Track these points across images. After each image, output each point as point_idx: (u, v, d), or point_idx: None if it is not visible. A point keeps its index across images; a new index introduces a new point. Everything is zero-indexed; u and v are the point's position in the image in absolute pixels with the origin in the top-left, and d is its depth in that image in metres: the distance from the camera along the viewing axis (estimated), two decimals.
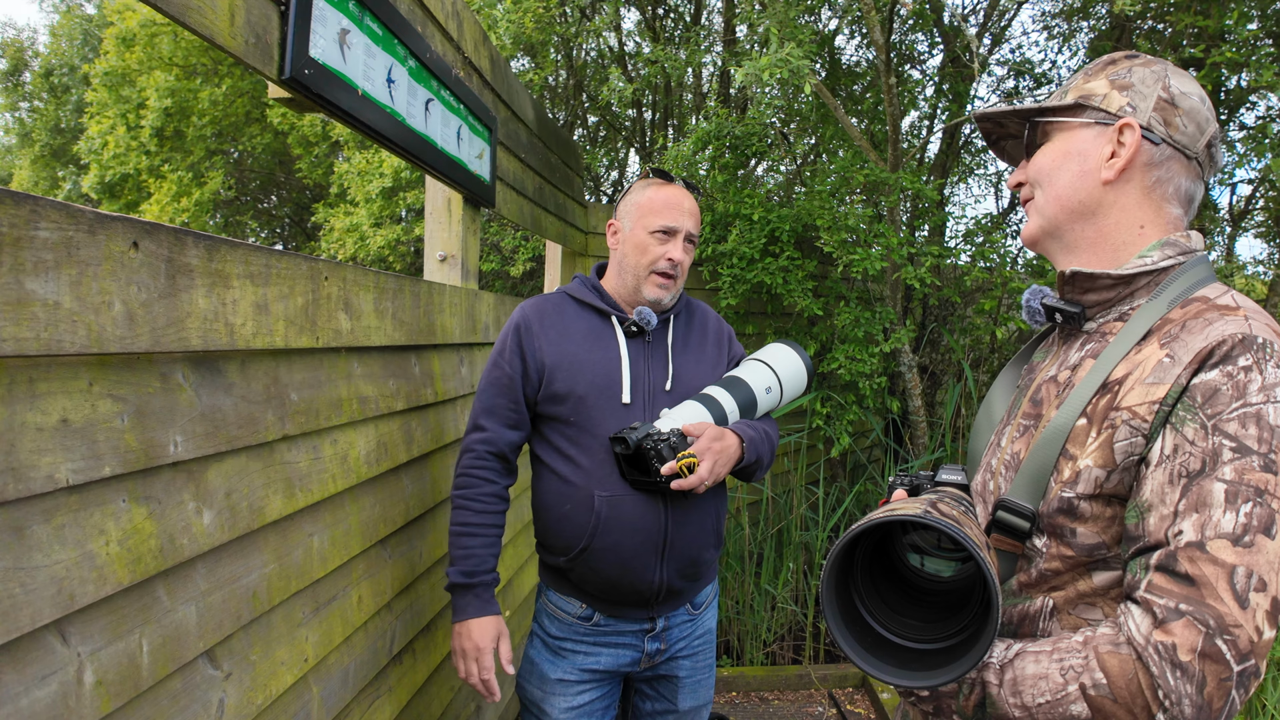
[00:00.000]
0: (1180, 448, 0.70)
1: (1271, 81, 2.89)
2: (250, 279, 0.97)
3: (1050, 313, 0.87)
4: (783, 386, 1.49)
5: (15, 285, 0.63)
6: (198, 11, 0.94)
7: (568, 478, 1.38)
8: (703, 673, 1.54)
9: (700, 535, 1.42)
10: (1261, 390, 0.69)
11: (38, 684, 0.67)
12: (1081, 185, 0.84)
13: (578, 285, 1.49)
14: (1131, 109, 0.82)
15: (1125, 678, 0.67)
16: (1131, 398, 0.74)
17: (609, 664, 1.45)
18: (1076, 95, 0.86)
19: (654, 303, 1.43)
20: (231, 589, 0.95)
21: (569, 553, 1.39)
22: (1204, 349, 0.71)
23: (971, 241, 4.29)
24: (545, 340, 1.40)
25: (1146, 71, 0.84)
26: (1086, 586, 0.77)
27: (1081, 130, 0.85)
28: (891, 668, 0.74)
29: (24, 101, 11.33)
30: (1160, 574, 0.68)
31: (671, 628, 1.47)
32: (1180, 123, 0.82)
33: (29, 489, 0.65)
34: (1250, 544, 0.66)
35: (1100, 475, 0.75)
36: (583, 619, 1.44)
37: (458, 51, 1.92)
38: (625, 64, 5.50)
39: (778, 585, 3.45)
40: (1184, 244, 0.82)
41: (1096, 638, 0.71)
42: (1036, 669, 0.72)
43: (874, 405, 3.98)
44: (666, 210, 1.41)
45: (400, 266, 5.51)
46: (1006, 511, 0.80)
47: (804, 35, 3.13)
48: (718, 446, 1.33)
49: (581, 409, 1.37)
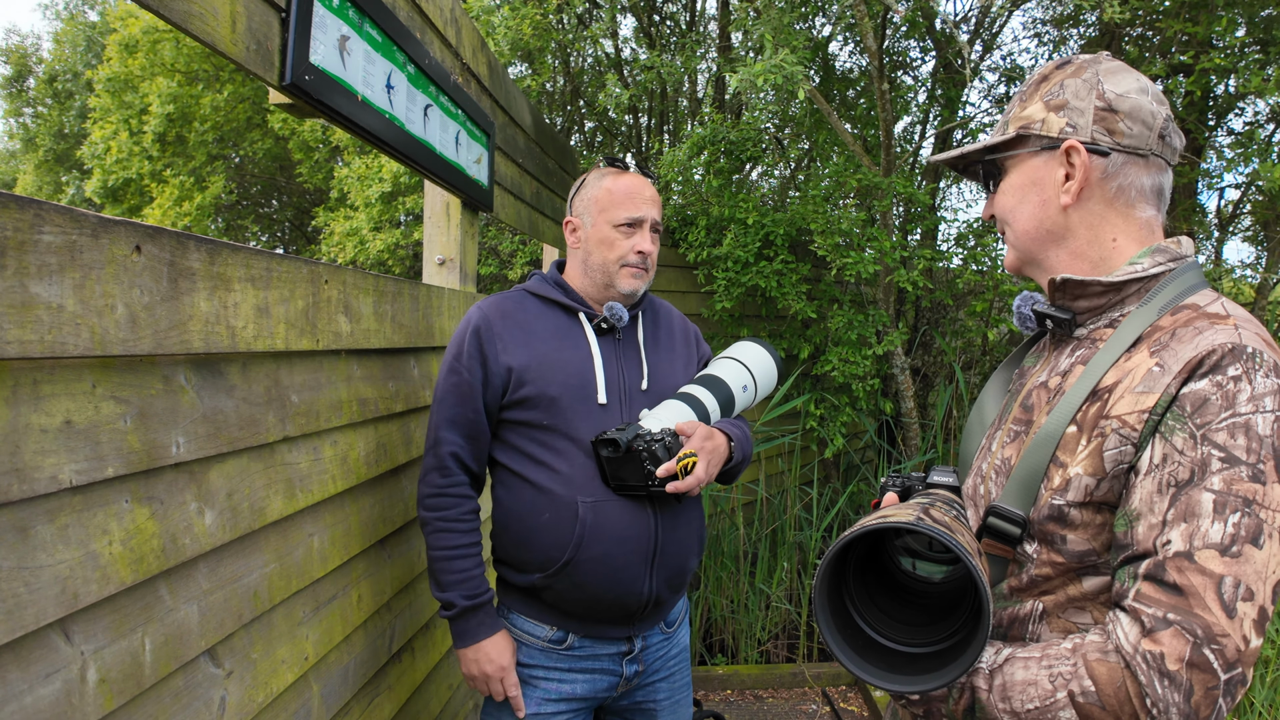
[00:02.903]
0: (1169, 457, 0.70)
1: (1259, 87, 2.92)
2: (251, 282, 0.98)
3: (1041, 319, 0.87)
4: (757, 385, 1.45)
5: (19, 288, 0.64)
6: (200, 18, 0.95)
7: (544, 486, 1.27)
8: (681, 692, 1.46)
9: (689, 542, 1.36)
10: (1250, 400, 0.69)
11: (42, 682, 0.68)
12: (1044, 214, 0.84)
13: (538, 282, 1.38)
14: (1072, 128, 0.81)
15: (1113, 686, 0.68)
16: (1121, 406, 0.74)
17: (585, 690, 1.33)
18: (1017, 126, 0.85)
19: (629, 294, 1.34)
20: (233, 588, 0.95)
21: (548, 568, 1.27)
22: (1194, 358, 0.71)
23: (963, 245, 4.32)
24: (509, 341, 1.29)
25: (1078, 83, 0.82)
26: (1076, 591, 0.78)
27: (1031, 160, 0.84)
28: (882, 671, 0.74)
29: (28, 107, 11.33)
30: (1148, 583, 0.69)
31: (649, 648, 1.38)
32: (1124, 126, 0.80)
33: (33, 489, 0.66)
34: (1238, 554, 0.66)
35: (1090, 483, 0.75)
36: (554, 643, 1.32)
37: (456, 58, 1.94)
38: (622, 70, 5.52)
39: (772, 585, 3.47)
40: (1174, 250, 0.81)
41: (1085, 645, 0.71)
42: (1025, 675, 0.72)
43: (867, 407, 4.00)
44: (629, 201, 1.32)
45: (399, 270, 5.51)
46: (997, 518, 0.80)
47: (798, 42, 3.16)
48: (709, 446, 1.28)
49: (555, 411, 1.27)
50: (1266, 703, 2.32)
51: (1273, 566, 0.67)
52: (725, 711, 2.92)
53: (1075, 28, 4.32)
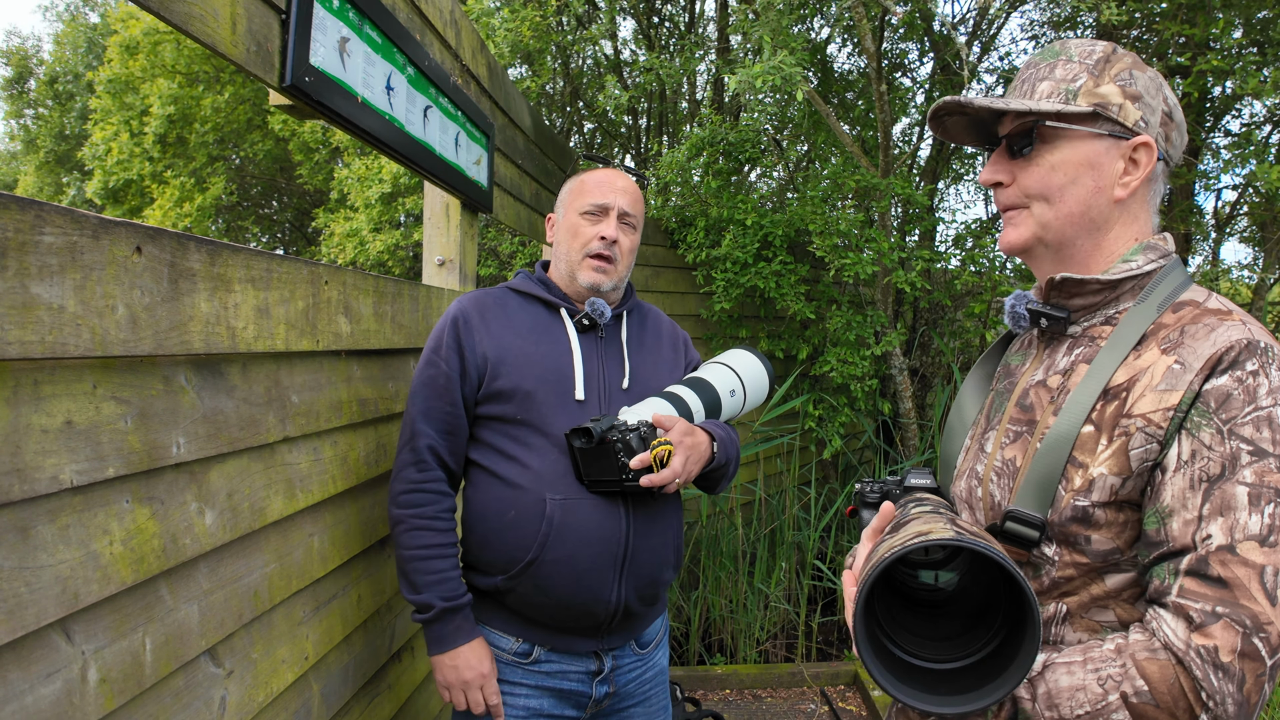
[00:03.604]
0: (1198, 453, 0.71)
1: (1256, 89, 2.94)
2: (252, 283, 0.98)
3: (1035, 317, 0.87)
4: (746, 391, 1.41)
5: (20, 289, 0.64)
6: (200, 20, 0.95)
7: (513, 481, 1.22)
8: (657, 716, 1.39)
9: (662, 550, 1.29)
10: (1270, 393, 0.71)
11: (42, 682, 0.68)
12: (1095, 201, 0.82)
13: (521, 279, 1.36)
14: (1145, 124, 0.80)
15: (1167, 683, 0.68)
16: (1144, 404, 0.74)
17: (552, 708, 1.27)
18: (1092, 102, 0.81)
19: (590, 288, 1.29)
20: (233, 588, 0.96)
21: (510, 569, 1.21)
22: (1214, 355, 0.72)
23: (961, 246, 4.33)
24: (486, 333, 1.25)
25: (1146, 79, 0.82)
26: (1100, 590, 0.77)
27: (1094, 141, 0.81)
28: (924, 694, 0.71)
29: (29, 108, 11.35)
30: (1191, 578, 0.69)
31: (620, 669, 1.31)
32: (1176, 138, 0.83)
33: (34, 490, 0.66)
34: (1275, 543, 0.68)
35: (1115, 482, 0.75)
36: (519, 655, 1.26)
37: (456, 59, 1.94)
38: (621, 72, 5.53)
39: (770, 584, 3.47)
40: (1163, 247, 0.83)
41: (1131, 645, 0.71)
42: (1071, 681, 0.71)
43: (865, 407, 4.01)
44: (595, 189, 1.30)
45: (399, 271, 5.52)
46: (1015, 522, 0.79)
47: (796, 44, 3.17)
48: (689, 442, 1.21)
49: (530, 405, 1.22)
50: None
51: None
52: (724, 711, 2.92)
53: (1073, 30, 4.33)
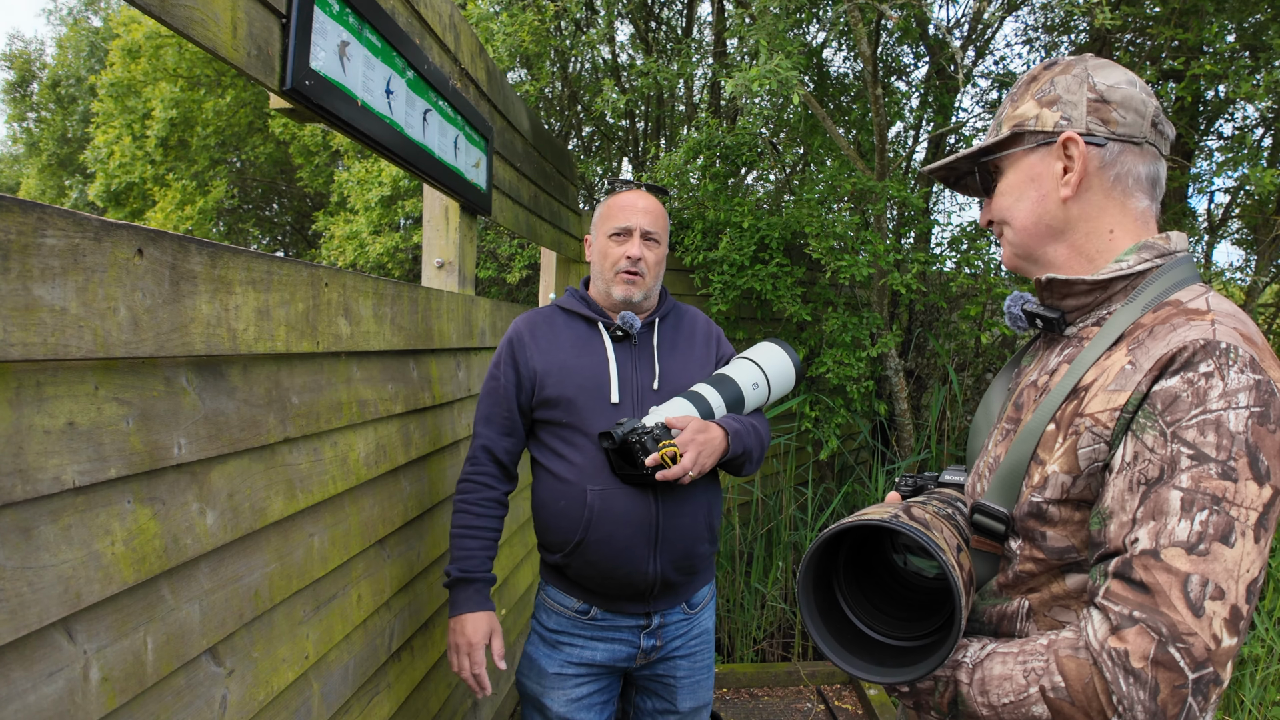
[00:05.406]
0: (1140, 455, 0.70)
1: (1249, 92, 2.96)
2: (252, 285, 0.99)
3: (1032, 318, 0.88)
4: (770, 382, 1.54)
5: (23, 291, 0.65)
6: (201, 25, 0.96)
7: (562, 475, 1.44)
8: (701, 673, 1.57)
9: (692, 528, 1.46)
10: (1223, 396, 0.68)
11: (45, 681, 0.68)
12: (1044, 209, 0.84)
13: (567, 297, 1.57)
14: (1067, 121, 0.82)
15: (1082, 682, 0.68)
16: (1095, 404, 0.74)
17: (605, 658, 1.48)
18: (1011, 125, 0.85)
19: (624, 301, 1.49)
20: (234, 588, 0.96)
21: (565, 548, 1.44)
22: (1165, 355, 0.71)
23: (956, 248, 4.34)
24: (536, 350, 1.47)
25: (1068, 78, 0.83)
26: (1060, 589, 0.78)
27: (1027, 157, 0.85)
28: (865, 663, 0.77)
29: (31, 112, 11.37)
30: (1117, 581, 0.69)
31: (667, 625, 1.51)
32: (1118, 115, 0.81)
33: (36, 490, 0.67)
34: (1205, 552, 0.65)
35: (1066, 481, 0.75)
36: (580, 613, 1.48)
37: (455, 63, 1.95)
38: (619, 76, 5.55)
39: (767, 584, 3.48)
40: (1162, 246, 0.81)
41: (1058, 641, 0.72)
42: (1002, 670, 0.73)
43: (861, 408, 4.02)
44: (619, 213, 1.49)
45: (399, 273, 5.52)
46: (982, 514, 0.82)
47: (792, 48, 3.18)
48: (701, 438, 1.37)
49: (573, 410, 1.44)
50: (1256, 700, 2.34)
51: (1246, 565, 0.66)
52: (721, 710, 2.93)
53: (1067, 34, 4.36)
